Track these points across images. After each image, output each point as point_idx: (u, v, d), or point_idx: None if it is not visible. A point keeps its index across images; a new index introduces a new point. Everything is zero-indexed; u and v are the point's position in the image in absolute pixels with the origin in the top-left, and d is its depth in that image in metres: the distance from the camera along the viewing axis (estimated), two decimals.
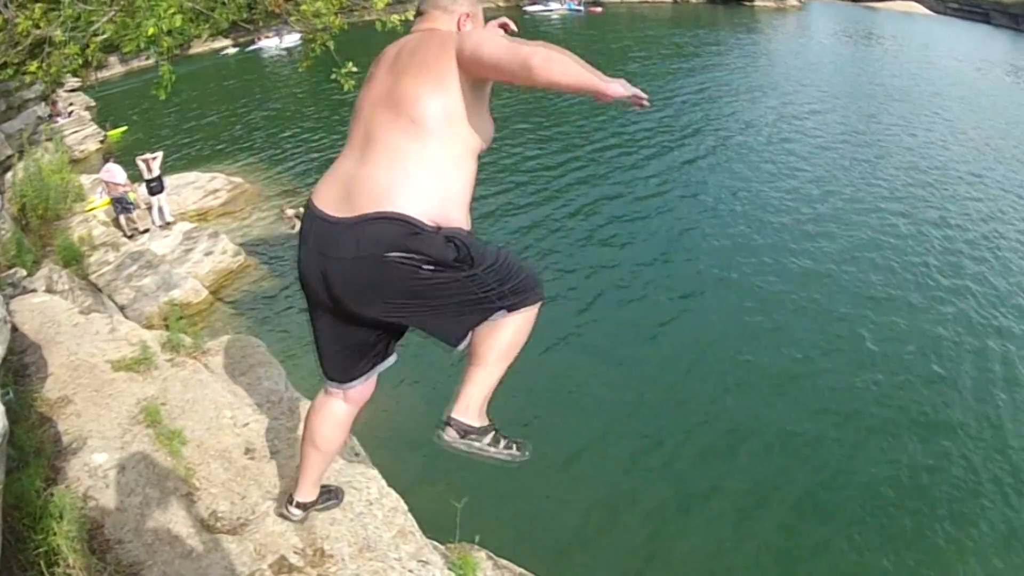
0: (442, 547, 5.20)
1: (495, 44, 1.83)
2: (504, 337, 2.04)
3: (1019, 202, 16.83)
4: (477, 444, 2.13)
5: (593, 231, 13.91)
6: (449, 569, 4.75)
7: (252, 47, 30.15)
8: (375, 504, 4.63)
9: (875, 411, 9.32)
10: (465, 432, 2.12)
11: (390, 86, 1.93)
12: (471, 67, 1.86)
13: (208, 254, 11.93)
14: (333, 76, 7.15)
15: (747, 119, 21.37)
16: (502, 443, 2.19)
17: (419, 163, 1.86)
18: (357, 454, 5.46)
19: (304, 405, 5.91)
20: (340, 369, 2.17)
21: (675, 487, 7.80)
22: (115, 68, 28.75)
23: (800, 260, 13.15)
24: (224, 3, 6.60)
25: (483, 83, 1.95)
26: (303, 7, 7.09)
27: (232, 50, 30.41)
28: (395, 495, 5.07)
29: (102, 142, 20.14)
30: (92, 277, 11.17)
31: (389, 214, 1.83)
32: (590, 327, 10.80)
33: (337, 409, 2.27)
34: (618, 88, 1.79)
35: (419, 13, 2.17)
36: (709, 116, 21.50)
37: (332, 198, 1.93)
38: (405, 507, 5.04)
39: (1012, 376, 10.25)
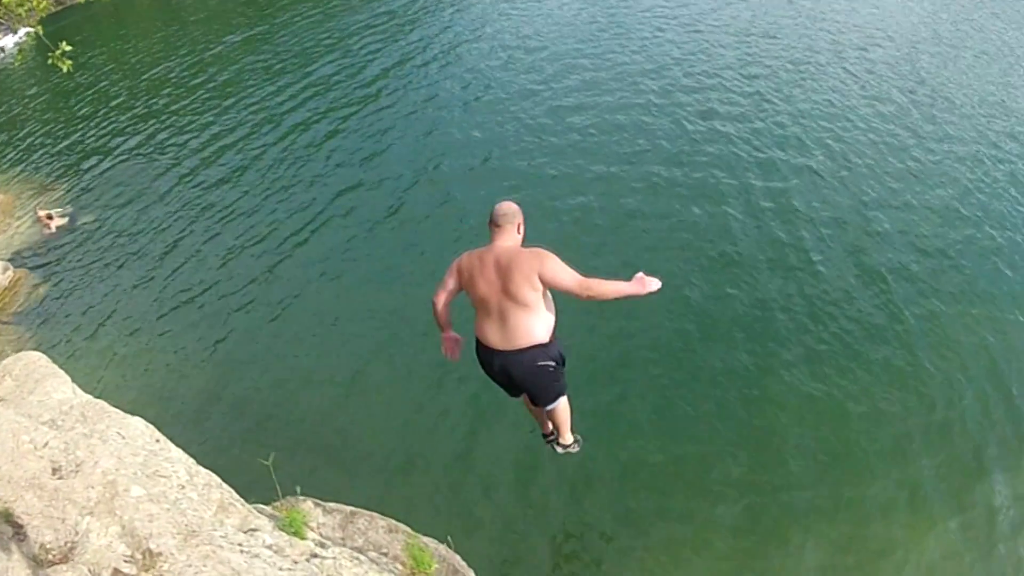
0: (268, 508, 5.40)
1: (566, 277, 3.91)
2: (566, 413, 4.72)
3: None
4: (570, 449, 5.01)
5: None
6: (280, 529, 4.98)
7: None
8: (188, 486, 4.87)
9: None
10: (566, 448, 4.97)
11: (503, 287, 3.99)
12: (548, 284, 3.98)
13: None
14: (49, 61, 6.75)
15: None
16: (576, 445, 4.99)
17: (535, 319, 4.06)
18: (158, 440, 5.48)
19: (96, 404, 5.74)
20: (519, 394, 4.66)
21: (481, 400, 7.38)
22: None
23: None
24: None
25: None
26: None
27: None
28: (205, 471, 5.28)
29: None
30: None
31: (536, 344, 4.08)
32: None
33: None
34: (648, 288, 3.96)
35: (495, 224, 4.13)
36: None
37: (496, 341, 4.13)
38: (219, 480, 5.25)
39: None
